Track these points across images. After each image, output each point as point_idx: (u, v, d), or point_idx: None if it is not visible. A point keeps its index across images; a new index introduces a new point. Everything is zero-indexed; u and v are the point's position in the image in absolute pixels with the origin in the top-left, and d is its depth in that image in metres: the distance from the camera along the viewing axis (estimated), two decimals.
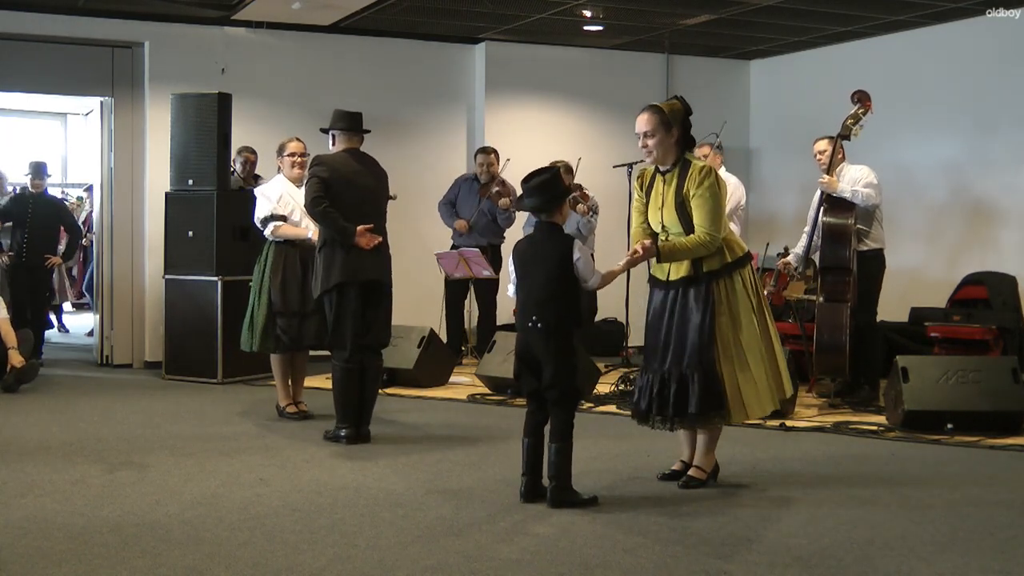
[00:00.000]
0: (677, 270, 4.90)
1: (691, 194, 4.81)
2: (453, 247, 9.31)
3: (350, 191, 6.05)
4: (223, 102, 8.60)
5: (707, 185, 4.79)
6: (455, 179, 9.66)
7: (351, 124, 6.24)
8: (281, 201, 6.86)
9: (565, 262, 4.70)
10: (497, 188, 9.28)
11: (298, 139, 7.07)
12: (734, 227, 7.97)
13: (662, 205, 4.91)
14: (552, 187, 4.76)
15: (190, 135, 8.62)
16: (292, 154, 6.96)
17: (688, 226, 4.84)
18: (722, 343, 4.82)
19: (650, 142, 4.87)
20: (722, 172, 8.05)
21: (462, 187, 9.53)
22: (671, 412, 4.84)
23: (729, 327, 4.84)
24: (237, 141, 8.85)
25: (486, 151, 9.54)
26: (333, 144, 6.26)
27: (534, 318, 4.72)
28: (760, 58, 11.48)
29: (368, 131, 6.36)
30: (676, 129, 4.87)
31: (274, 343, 6.81)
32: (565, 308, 4.72)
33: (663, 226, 4.93)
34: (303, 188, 6.35)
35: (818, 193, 7.36)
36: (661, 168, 4.96)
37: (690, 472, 5.05)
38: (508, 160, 9.46)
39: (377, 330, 6.18)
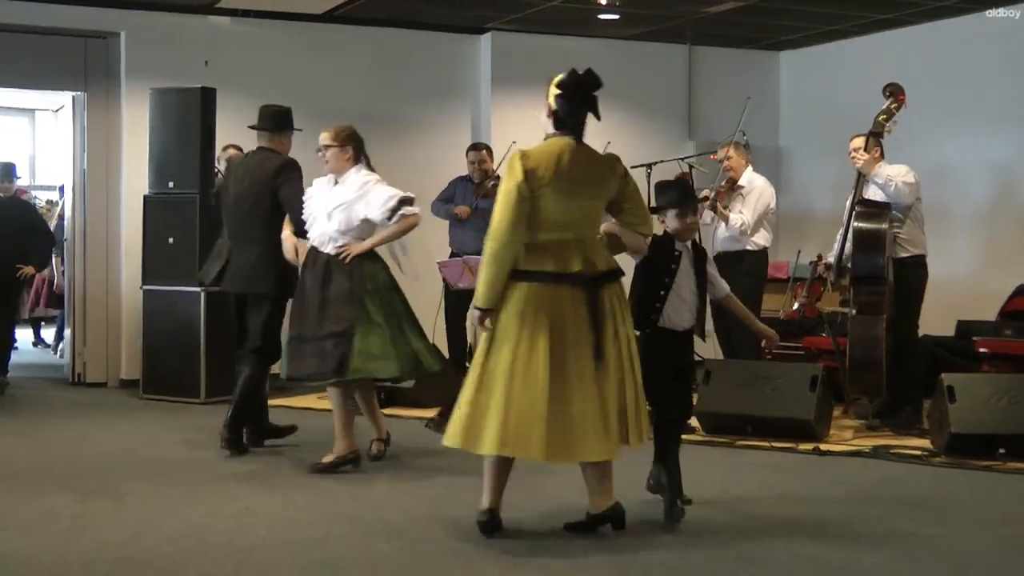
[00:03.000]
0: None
1: None
2: (452, 255, 9.28)
3: (225, 195, 6.63)
4: (206, 97, 8.62)
5: None
6: (450, 181, 9.62)
7: (262, 124, 6.53)
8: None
9: None
10: (492, 183, 9.27)
11: (325, 131, 6.63)
12: (765, 233, 7.98)
13: None
14: None
15: (171, 133, 8.65)
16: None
17: None
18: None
19: None
20: (749, 173, 8.05)
21: (457, 188, 9.50)
22: None
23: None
24: (222, 140, 8.85)
25: (477, 147, 9.49)
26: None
27: None
28: (791, 49, 11.48)
29: (279, 129, 6.55)
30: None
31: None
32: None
33: None
34: (341, 183, 6.15)
35: (850, 197, 7.35)
36: None
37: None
38: (514, 143, 9.41)
39: (250, 336, 6.49)
